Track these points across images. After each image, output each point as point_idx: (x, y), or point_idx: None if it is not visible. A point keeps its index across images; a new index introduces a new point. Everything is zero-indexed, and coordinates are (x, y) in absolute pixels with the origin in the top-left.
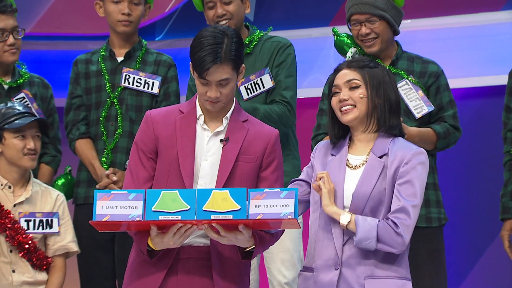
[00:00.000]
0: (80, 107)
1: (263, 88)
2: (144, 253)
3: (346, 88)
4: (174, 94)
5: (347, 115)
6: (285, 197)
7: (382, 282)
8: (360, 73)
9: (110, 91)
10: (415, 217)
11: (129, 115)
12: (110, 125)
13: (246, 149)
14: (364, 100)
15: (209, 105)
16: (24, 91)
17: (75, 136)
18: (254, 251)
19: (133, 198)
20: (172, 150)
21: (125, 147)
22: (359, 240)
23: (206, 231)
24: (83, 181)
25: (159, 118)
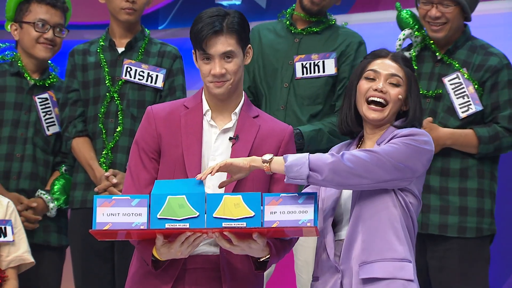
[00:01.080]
0: (76, 102)
1: (323, 72)
2: (148, 263)
3: (386, 80)
4: (180, 88)
5: (374, 113)
6: (304, 202)
7: (377, 267)
8: (405, 72)
9: (110, 85)
10: (377, 160)
11: (131, 111)
12: (109, 122)
13: (257, 148)
14: (399, 102)
15: (215, 87)
16: (49, 92)
17: (72, 134)
18: (269, 261)
19: (137, 204)
20: (177, 149)
21: (126, 146)
22: (288, 167)
23: (217, 240)
24: (80, 183)
25: (161, 114)
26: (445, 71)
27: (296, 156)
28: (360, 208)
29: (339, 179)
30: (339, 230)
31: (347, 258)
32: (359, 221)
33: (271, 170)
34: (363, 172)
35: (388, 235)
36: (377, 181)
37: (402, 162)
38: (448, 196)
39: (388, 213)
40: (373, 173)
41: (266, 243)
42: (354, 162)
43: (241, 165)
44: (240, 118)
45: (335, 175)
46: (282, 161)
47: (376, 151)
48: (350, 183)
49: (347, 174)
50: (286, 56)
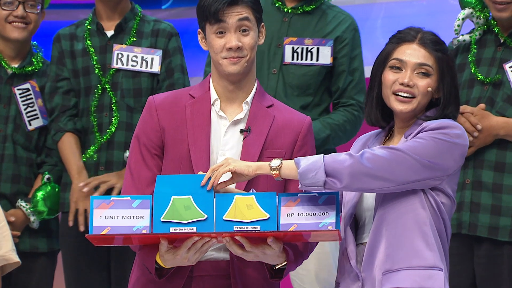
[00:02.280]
0: (69, 92)
1: (316, 60)
2: (151, 271)
3: (413, 70)
4: (178, 69)
5: (402, 105)
6: (324, 203)
7: (402, 276)
8: (435, 58)
9: (100, 75)
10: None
11: (126, 102)
12: (104, 116)
13: (272, 142)
14: (429, 93)
15: (230, 64)
16: (30, 82)
17: (67, 126)
18: (286, 268)
19: (138, 205)
20: (182, 144)
21: (122, 142)
22: (302, 173)
23: (228, 245)
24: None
25: (165, 105)
26: (508, 56)
27: (309, 160)
28: (384, 210)
29: (360, 184)
30: (361, 233)
31: (369, 265)
32: (382, 225)
33: (281, 177)
34: (386, 174)
35: (415, 240)
36: (403, 182)
37: (430, 160)
38: (501, 195)
39: (415, 215)
40: (398, 175)
41: (283, 249)
42: (375, 163)
43: (245, 172)
44: (252, 108)
45: (355, 180)
46: (294, 166)
47: (400, 148)
48: (372, 187)
49: (368, 178)
50: (274, 37)
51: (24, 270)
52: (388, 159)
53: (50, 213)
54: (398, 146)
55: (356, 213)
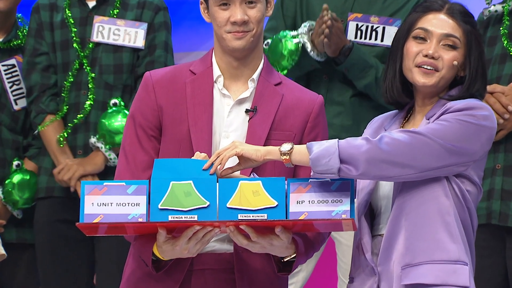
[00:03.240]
0: (48, 68)
1: (381, 41)
2: (148, 264)
3: (439, 42)
4: (161, 46)
5: (425, 77)
6: (338, 190)
7: (423, 270)
8: (463, 30)
9: (79, 49)
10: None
11: (104, 79)
12: (82, 95)
13: (280, 123)
14: (456, 68)
15: (234, 39)
16: (16, 57)
17: (49, 108)
18: (295, 261)
19: (134, 191)
20: (182, 125)
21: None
22: (315, 159)
23: (232, 235)
24: (46, 168)
25: (163, 82)
26: None
27: (323, 144)
28: (403, 199)
29: (377, 171)
30: (377, 223)
31: (386, 259)
32: (401, 214)
33: (292, 162)
34: (406, 160)
35: (437, 232)
36: (425, 169)
37: (455, 144)
38: None
39: (437, 204)
40: (419, 161)
41: (292, 240)
42: (394, 148)
43: (253, 157)
44: (258, 86)
45: (372, 167)
46: (306, 151)
47: (422, 131)
48: (391, 175)
49: (387, 164)
50: (336, 12)
51: (11, 263)
52: (408, 144)
53: (26, 202)
54: (420, 129)
55: (371, 201)
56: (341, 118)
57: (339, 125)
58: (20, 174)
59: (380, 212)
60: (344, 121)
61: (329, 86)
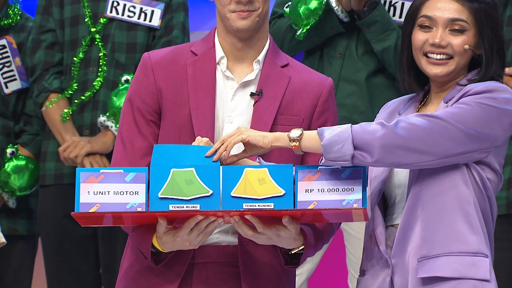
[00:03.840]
0: (53, 45)
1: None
2: (147, 257)
3: (445, 28)
4: (179, 27)
5: (437, 68)
6: (349, 177)
7: (441, 263)
8: (470, 10)
9: (91, 24)
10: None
11: (116, 57)
12: (90, 72)
13: (287, 107)
14: (469, 52)
15: (239, 19)
16: (7, 38)
17: (52, 86)
18: (303, 253)
19: (132, 179)
20: (182, 109)
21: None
22: (327, 146)
23: (236, 226)
24: (53, 153)
25: (162, 63)
26: None
27: (335, 130)
28: (420, 187)
29: (393, 158)
30: (391, 213)
31: (401, 251)
32: (418, 204)
33: (301, 149)
34: (424, 146)
35: (456, 222)
36: (444, 156)
37: (476, 129)
38: None
39: (457, 193)
40: (438, 147)
41: (300, 231)
42: (411, 133)
43: (260, 144)
44: (264, 68)
45: (388, 153)
46: (317, 137)
47: (440, 116)
48: (407, 162)
49: (403, 151)
50: None
51: (1, 255)
52: (426, 129)
53: (23, 189)
54: (438, 114)
55: (385, 190)
56: (354, 98)
57: (351, 106)
58: (15, 162)
59: (395, 202)
60: (357, 101)
61: (344, 64)
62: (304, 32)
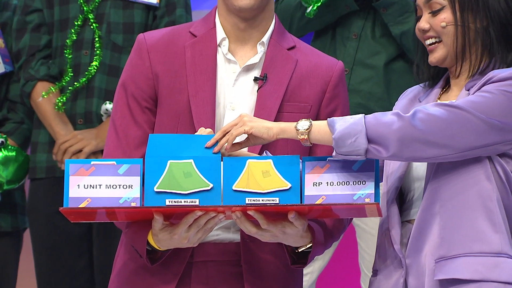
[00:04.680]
0: (40, 27)
1: None
2: (142, 255)
3: (427, 10)
4: (182, 4)
5: (431, 55)
6: (360, 170)
7: (460, 264)
8: None
9: (83, 2)
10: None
11: (112, 38)
12: (83, 55)
13: (294, 93)
14: (450, 29)
15: None
16: None
17: (39, 73)
18: (311, 251)
19: (125, 171)
20: (181, 95)
21: (103, 89)
22: (339, 139)
23: (239, 222)
24: (44, 143)
25: (159, 45)
26: None
27: (347, 121)
28: (438, 182)
29: (411, 152)
30: (408, 207)
31: (416, 251)
32: (436, 199)
33: (310, 141)
34: (444, 139)
35: (477, 220)
36: (465, 149)
37: (501, 119)
38: None
39: (478, 189)
40: (459, 139)
41: (307, 227)
42: (430, 125)
43: (264, 136)
44: (269, 50)
45: (405, 147)
46: (327, 129)
47: (461, 106)
48: (426, 156)
49: (422, 144)
50: None
51: None
52: (446, 120)
53: (11, 182)
54: (459, 103)
55: (403, 184)
56: (370, 84)
57: (367, 92)
58: (4, 152)
59: (413, 196)
60: (373, 87)
61: (359, 46)
62: (315, 9)
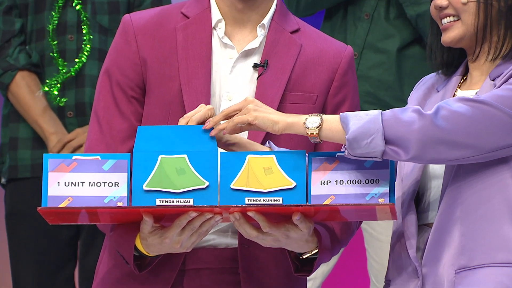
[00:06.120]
0: (11, 9)
1: None
2: (128, 262)
3: None
4: None
5: (446, 33)
6: (373, 167)
7: (483, 275)
8: None
9: None
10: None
11: (99, 20)
12: (68, 40)
13: (298, 81)
14: (472, 6)
15: None
16: None
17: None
18: (318, 258)
19: (111, 168)
20: (171, 83)
21: (96, 77)
22: (353, 140)
23: (237, 224)
24: (26, 139)
25: (147, 28)
26: None
27: (361, 118)
28: (459, 183)
29: (433, 154)
30: (426, 209)
31: (434, 259)
32: (456, 203)
33: (321, 139)
34: (470, 139)
35: (503, 226)
36: (492, 149)
37: None
38: None
39: (504, 192)
40: (485, 139)
41: (313, 231)
42: (454, 124)
43: (269, 130)
44: (270, 34)
45: (427, 149)
46: (340, 127)
47: (487, 101)
48: (449, 158)
49: (445, 146)
50: None
51: None
52: (472, 117)
53: None
54: (485, 98)
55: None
56: (381, 70)
57: (377, 80)
58: None
59: (430, 196)
60: (384, 74)
61: (371, 27)
62: None
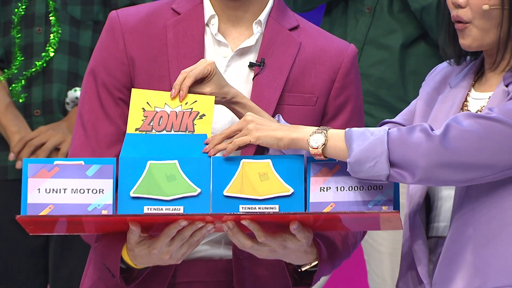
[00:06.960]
0: None
1: None
2: (114, 274)
3: None
4: None
5: (462, 38)
6: None
7: None
8: None
9: None
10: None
11: (69, 11)
12: (36, 33)
13: (297, 82)
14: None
15: None
16: None
17: None
18: (317, 271)
19: (95, 173)
20: (161, 84)
21: (65, 72)
22: (355, 163)
23: (231, 234)
24: None
25: (135, 25)
26: None
27: (366, 138)
28: (471, 199)
29: (441, 177)
30: (434, 220)
31: (445, 279)
32: (469, 221)
33: (324, 157)
34: (481, 159)
35: None
36: (505, 167)
37: None
38: None
39: None
40: (498, 158)
41: (312, 241)
42: (464, 145)
43: (274, 147)
44: (267, 31)
45: (435, 172)
46: (344, 146)
47: (498, 118)
48: (460, 180)
49: (454, 168)
50: None
51: None
52: (483, 137)
53: None
54: (496, 115)
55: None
56: (383, 67)
57: (378, 78)
58: None
59: (440, 207)
60: (387, 72)
61: (373, 22)
62: None
